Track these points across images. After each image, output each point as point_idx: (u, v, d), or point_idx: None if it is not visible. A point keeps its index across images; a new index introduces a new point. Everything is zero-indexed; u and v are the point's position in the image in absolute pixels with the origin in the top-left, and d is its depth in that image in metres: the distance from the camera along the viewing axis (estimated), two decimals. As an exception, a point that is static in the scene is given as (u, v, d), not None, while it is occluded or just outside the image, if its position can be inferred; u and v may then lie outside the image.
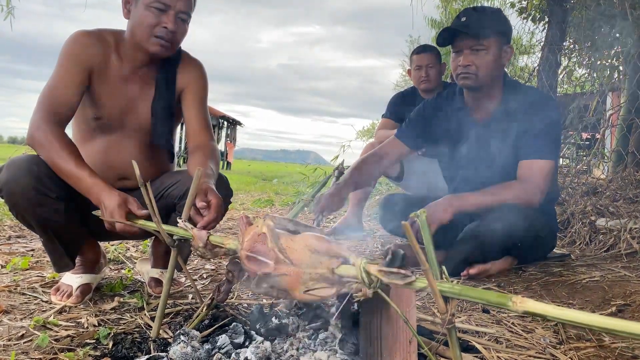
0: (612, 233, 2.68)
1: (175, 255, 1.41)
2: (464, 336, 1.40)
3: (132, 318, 1.59)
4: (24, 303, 1.70)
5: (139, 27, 1.63)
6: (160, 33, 1.62)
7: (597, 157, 4.71)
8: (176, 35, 1.66)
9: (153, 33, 1.62)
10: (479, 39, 2.10)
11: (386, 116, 3.68)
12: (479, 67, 2.11)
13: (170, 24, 1.62)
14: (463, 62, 2.13)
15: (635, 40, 3.87)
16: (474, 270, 2.11)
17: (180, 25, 1.66)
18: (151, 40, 1.63)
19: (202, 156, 1.69)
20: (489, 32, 2.09)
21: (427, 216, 0.88)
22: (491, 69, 2.13)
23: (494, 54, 2.12)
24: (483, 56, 2.11)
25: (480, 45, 2.10)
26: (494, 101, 2.24)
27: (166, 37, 1.63)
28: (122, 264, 2.36)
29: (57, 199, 1.55)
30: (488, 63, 2.12)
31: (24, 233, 2.97)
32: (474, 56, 2.11)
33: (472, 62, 2.11)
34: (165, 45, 1.65)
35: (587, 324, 0.69)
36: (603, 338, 1.42)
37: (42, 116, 1.55)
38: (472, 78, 2.13)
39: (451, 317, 0.84)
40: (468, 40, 2.12)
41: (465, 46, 2.13)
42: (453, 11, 7.07)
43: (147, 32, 1.63)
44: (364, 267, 0.93)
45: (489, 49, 2.11)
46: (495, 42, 2.12)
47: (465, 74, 2.14)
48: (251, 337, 1.29)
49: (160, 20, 1.61)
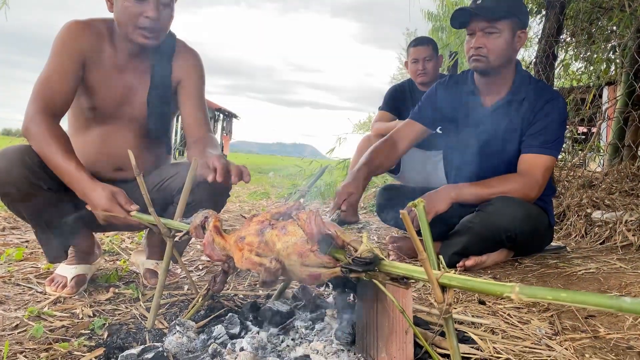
0: (608, 225, 2.69)
1: (171, 246, 1.40)
2: (460, 327, 1.40)
3: (128, 309, 1.58)
4: (18, 294, 1.69)
5: (122, 19, 1.60)
6: (144, 23, 1.58)
7: (593, 150, 4.72)
8: (161, 23, 1.61)
9: (137, 24, 1.59)
10: (492, 21, 2.08)
11: (383, 109, 3.66)
12: (491, 50, 2.10)
13: (151, 12, 1.57)
14: (475, 44, 2.12)
15: (632, 33, 3.86)
16: (470, 262, 2.12)
17: (163, 11, 1.61)
18: (136, 31, 1.60)
19: (201, 147, 1.68)
20: (503, 15, 2.07)
21: (424, 205, 0.87)
22: (503, 52, 2.11)
23: (506, 37, 2.10)
24: (495, 39, 2.10)
25: (494, 28, 2.08)
26: (504, 88, 2.23)
27: (150, 27, 1.59)
28: (118, 255, 2.35)
29: (49, 190, 1.54)
30: (500, 46, 2.10)
31: (18, 224, 2.95)
32: (486, 39, 2.10)
33: (484, 45, 2.10)
34: (150, 35, 1.61)
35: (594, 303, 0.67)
36: (598, 329, 1.42)
37: (35, 108, 1.54)
38: (483, 61, 2.12)
39: (448, 307, 0.84)
40: (481, 22, 2.10)
41: (478, 28, 2.11)
42: (450, 4, 7.03)
43: (131, 23, 1.59)
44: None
45: (502, 32, 2.09)
46: (509, 26, 2.10)
47: (477, 56, 2.13)
48: (247, 328, 1.28)
49: (142, 10, 1.57)
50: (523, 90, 2.18)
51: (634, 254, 2.30)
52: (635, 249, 2.37)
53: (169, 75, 1.76)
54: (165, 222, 1.38)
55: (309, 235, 1.03)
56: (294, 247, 1.04)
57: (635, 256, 2.26)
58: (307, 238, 1.04)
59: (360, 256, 0.94)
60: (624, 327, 1.42)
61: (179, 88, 1.78)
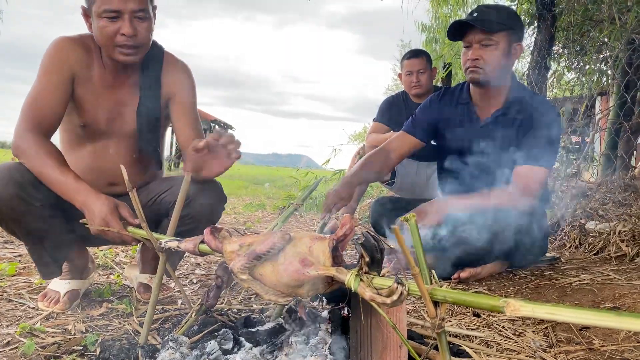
0: (602, 236, 2.70)
1: (164, 261, 1.40)
2: (454, 340, 1.40)
3: (121, 324, 1.57)
4: (10, 309, 1.68)
5: (100, 39, 1.58)
6: (121, 41, 1.55)
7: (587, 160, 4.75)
8: (139, 38, 1.58)
9: (114, 43, 1.56)
10: (489, 33, 2.11)
11: (377, 120, 3.68)
12: (487, 62, 2.12)
13: (126, 29, 1.53)
14: (472, 56, 2.14)
15: (623, 45, 3.90)
16: (465, 273, 2.12)
17: (140, 25, 1.57)
18: (116, 50, 1.58)
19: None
20: (499, 27, 2.10)
21: (417, 219, 0.88)
22: (499, 64, 2.13)
23: (502, 49, 2.12)
24: (492, 51, 2.12)
25: (490, 40, 2.11)
26: (499, 100, 2.25)
27: (128, 44, 1.56)
28: (111, 270, 2.34)
29: (42, 207, 1.52)
30: (497, 58, 2.12)
31: (11, 239, 2.93)
32: (483, 50, 2.12)
33: (481, 57, 2.12)
34: (130, 52, 1.58)
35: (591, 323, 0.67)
36: (592, 341, 1.42)
37: (26, 126, 1.53)
38: (480, 72, 2.14)
39: (441, 322, 0.83)
40: (478, 34, 2.12)
41: (474, 40, 2.13)
42: (443, 16, 7.10)
43: (109, 42, 1.56)
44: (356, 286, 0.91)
45: (498, 44, 2.11)
46: (505, 38, 2.12)
47: (473, 67, 2.15)
48: (240, 343, 1.27)
49: (117, 28, 1.54)
50: (518, 103, 2.20)
51: (627, 265, 2.31)
52: (628, 260, 2.38)
53: (158, 90, 1.75)
54: (157, 237, 1.38)
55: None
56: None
57: (629, 267, 2.26)
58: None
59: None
60: (618, 339, 1.42)
61: (171, 101, 1.78)
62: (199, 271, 2.35)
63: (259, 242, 1.05)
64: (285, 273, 1.00)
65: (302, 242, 1.03)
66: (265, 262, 1.03)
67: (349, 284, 0.91)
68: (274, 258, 1.03)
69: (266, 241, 1.03)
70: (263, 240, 1.05)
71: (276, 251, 1.02)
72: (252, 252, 1.03)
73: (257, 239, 1.08)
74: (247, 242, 1.07)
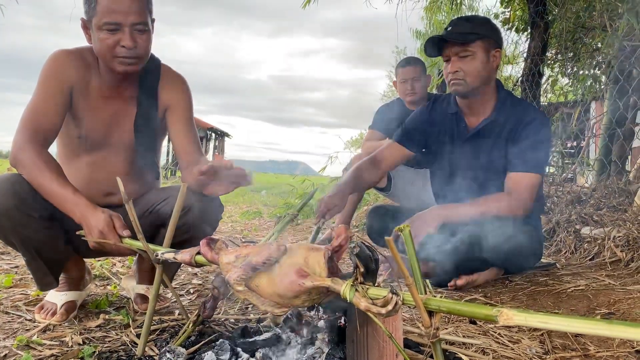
0: (597, 242, 2.71)
1: (161, 272, 1.40)
2: (450, 348, 1.40)
3: (118, 335, 1.57)
4: (7, 322, 1.67)
5: (100, 50, 1.60)
6: (121, 53, 1.57)
7: (581, 165, 4.78)
8: (138, 50, 1.60)
9: (114, 54, 1.58)
10: (464, 45, 2.14)
11: (373, 127, 3.70)
12: (467, 73, 2.16)
13: (127, 42, 1.56)
14: (451, 69, 2.18)
15: (615, 52, 3.94)
16: (461, 281, 2.13)
17: (139, 37, 1.59)
18: (115, 60, 1.59)
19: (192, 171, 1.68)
20: (473, 38, 2.13)
21: (413, 227, 0.89)
22: (480, 73, 2.17)
23: (481, 59, 2.16)
24: (470, 62, 2.15)
25: (466, 51, 2.15)
26: (486, 108, 2.27)
27: (128, 55, 1.58)
28: (108, 280, 2.34)
29: (40, 219, 1.53)
30: (476, 68, 2.16)
31: (8, 250, 2.92)
32: (461, 62, 2.16)
33: (460, 68, 2.16)
34: (129, 62, 1.60)
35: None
36: (588, 347, 1.43)
37: (24, 137, 1.54)
38: (461, 84, 2.18)
39: (435, 331, 0.84)
40: (454, 47, 2.16)
41: (452, 53, 2.18)
42: (437, 22, 7.15)
43: (108, 54, 1.58)
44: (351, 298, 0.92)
45: (476, 54, 2.15)
46: (481, 47, 2.16)
47: (455, 80, 2.19)
48: (237, 354, 1.28)
49: (117, 40, 1.56)
50: (506, 110, 2.23)
51: (622, 270, 2.32)
52: (623, 265, 2.40)
53: (155, 101, 1.77)
54: (154, 249, 1.38)
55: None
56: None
57: (624, 272, 2.28)
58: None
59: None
60: (614, 345, 1.43)
61: (168, 113, 1.79)
62: (195, 281, 2.35)
63: (255, 253, 1.06)
64: (281, 284, 1.01)
65: (297, 253, 1.04)
66: (261, 273, 1.04)
67: (344, 294, 0.92)
68: (270, 269, 1.04)
69: (262, 252, 1.04)
70: (259, 251, 1.06)
71: (272, 262, 1.03)
72: (249, 264, 1.04)
73: (253, 250, 1.08)
74: (243, 254, 1.08)
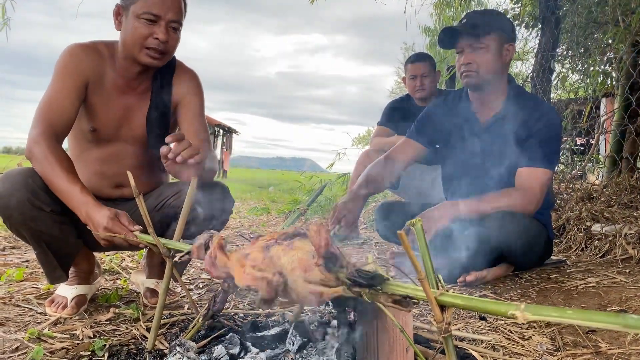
0: (608, 239, 2.69)
1: (171, 266, 1.40)
2: (460, 344, 1.40)
3: (128, 329, 1.58)
4: (18, 315, 1.69)
5: (131, 38, 1.63)
6: (152, 44, 1.62)
7: (592, 162, 4.73)
8: (168, 45, 1.65)
9: (145, 44, 1.62)
10: (478, 37, 2.14)
11: (382, 124, 3.69)
12: (480, 65, 2.16)
13: (161, 35, 1.61)
14: (464, 61, 2.18)
15: (627, 47, 3.90)
16: (470, 277, 2.12)
17: (172, 35, 1.65)
18: (143, 51, 1.63)
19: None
20: (488, 30, 2.14)
21: (423, 223, 0.88)
22: (492, 66, 2.17)
23: (494, 51, 2.16)
24: (483, 54, 2.16)
25: (480, 43, 2.15)
26: (497, 103, 2.27)
27: (158, 48, 1.63)
28: (118, 275, 2.35)
29: (51, 212, 1.54)
30: (488, 61, 2.16)
31: (19, 244, 2.95)
32: (474, 54, 2.16)
33: (473, 60, 2.16)
34: (157, 56, 1.64)
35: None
36: (599, 344, 1.42)
37: (39, 131, 1.55)
38: (473, 76, 2.18)
39: (447, 326, 0.84)
40: (468, 39, 2.17)
41: (465, 45, 2.18)
42: (446, 18, 7.10)
43: (139, 43, 1.62)
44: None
45: (489, 47, 2.16)
46: (495, 40, 2.16)
47: (467, 72, 2.19)
48: (247, 348, 1.28)
49: (152, 31, 1.61)
50: (517, 105, 2.22)
51: (633, 268, 2.30)
52: (635, 263, 2.37)
53: (169, 96, 1.78)
54: (164, 242, 1.39)
55: (317, 247, 1.03)
56: (300, 262, 1.03)
57: (635, 270, 2.26)
58: (313, 253, 1.03)
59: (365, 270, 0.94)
60: (625, 342, 1.42)
61: (179, 108, 1.80)
62: (205, 276, 2.36)
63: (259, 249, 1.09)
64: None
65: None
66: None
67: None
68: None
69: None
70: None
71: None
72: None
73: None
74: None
